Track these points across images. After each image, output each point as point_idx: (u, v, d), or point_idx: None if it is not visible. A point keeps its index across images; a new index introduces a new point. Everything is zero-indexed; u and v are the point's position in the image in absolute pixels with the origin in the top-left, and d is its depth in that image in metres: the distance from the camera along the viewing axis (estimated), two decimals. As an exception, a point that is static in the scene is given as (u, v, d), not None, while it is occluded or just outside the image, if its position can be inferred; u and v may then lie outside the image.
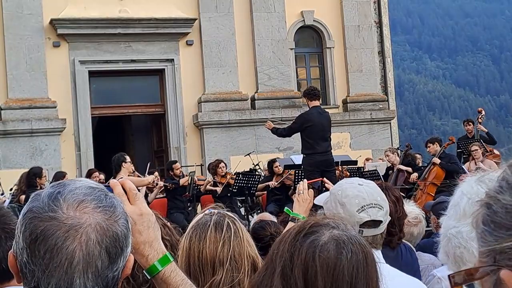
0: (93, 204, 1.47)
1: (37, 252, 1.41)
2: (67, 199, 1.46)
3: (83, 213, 1.45)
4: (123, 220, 1.51)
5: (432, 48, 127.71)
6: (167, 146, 18.07)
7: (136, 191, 1.79)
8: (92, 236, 1.43)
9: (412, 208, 4.78)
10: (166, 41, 17.93)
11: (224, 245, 2.38)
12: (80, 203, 1.46)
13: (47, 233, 1.41)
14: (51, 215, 1.43)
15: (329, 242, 1.62)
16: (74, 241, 1.42)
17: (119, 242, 1.47)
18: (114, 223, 1.48)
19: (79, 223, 1.43)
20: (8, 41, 16.44)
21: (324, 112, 11.47)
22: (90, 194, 1.49)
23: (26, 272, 1.44)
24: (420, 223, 4.77)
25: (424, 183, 12.24)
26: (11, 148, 16.21)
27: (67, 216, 1.43)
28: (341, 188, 2.67)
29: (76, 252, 1.41)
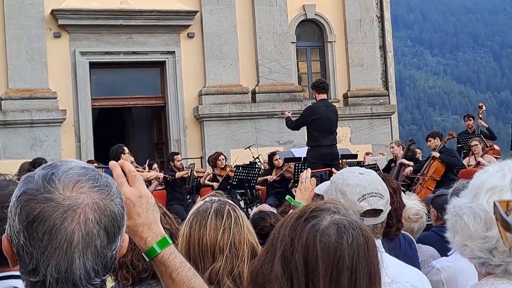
0: (89, 184, 1.46)
1: (35, 234, 1.39)
2: (62, 180, 1.45)
3: (80, 193, 1.44)
4: (119, 199, 1.50)
5: (434, 43, 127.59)
6: (167, 138, 18.07)
7: (136, 173, 1.78)
8: (90, 216, 1.42)
9: (413, 203, 4.77)
10: (167, 33, 17.91)
11: (225, 233, 2.38)
12: (75, 183, 1.45)
13: (44, 215, 1.40)
14: (47, 197, 1.41)
15: (330, 226, 1.62)
16: (73, 221, 1.40)
17: (117, 221, 1.47)
18: (110, 202, 1.47)
19: (76, 203, 1.42)
20: (9, 31, 16.42)
21: (331, 106, 11.48)
22: (85, 174, 1.48)
23: (23, 255, 1.42)
24: (421, 218, 4.76)
25: (424, 178, 12.25)
26: (11, 139, 16.21)
27: (63, 197, 1.42)
28: (342, 177, 2.66)
29: (75, 232, 1.40)
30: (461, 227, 1.75)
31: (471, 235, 1.72)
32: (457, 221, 1.76)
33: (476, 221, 1.71)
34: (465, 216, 1.73)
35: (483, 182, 1.75)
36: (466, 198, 1.78)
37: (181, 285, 1.82)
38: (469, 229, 1.72)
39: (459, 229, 1.76)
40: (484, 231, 1.70)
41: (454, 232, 1.78)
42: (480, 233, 1.70)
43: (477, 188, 1.76)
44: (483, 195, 1.72)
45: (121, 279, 3.03)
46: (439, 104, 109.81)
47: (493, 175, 1.76)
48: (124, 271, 3.01)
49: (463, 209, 1.75)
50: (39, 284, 1.43)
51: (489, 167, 1.82)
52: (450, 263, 3.49)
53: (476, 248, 1.72)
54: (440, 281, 3.46)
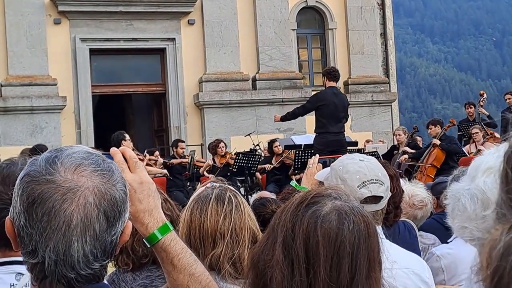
0: (91, 167, 1.46)
1: (35, 215, 1.40)
2: (65, 162, 1.45)
3: (81, 176, 1.44)
4: (121, 184, 1.50)
5: (435, 31, 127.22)
6: (168, 125, 18.06)
7: (137, 159, 1.79)
8: (89, 199, 1.43)
9: (419, 191, 4.75)
10: (168, 20, 17.86)
11: (225, 218, 2.38)
12: (77, 166, 1.45)
13: (44, 196, 1.41)
14: (48, 178, 1.42)
15: (331, 212, 1.62)
16: (72, 203, 1.41)
17: (117, 206, 1.47)
18: (112, 187, 1.47)
19: (77, 185, 1.42)
20: (9, 17, 16.38)
21: (340, 94, 11.49)
22: (88, 158, 1.48)
23: (23, 236, 1.43)
24: (425, 206, 4.74)
25: (424, 165, 12.25)
26: (11, 125, 16.21)
27: (64, 179, 1.42)
28: (342, 163, 2.66)
29: (74, 214, 1.41)
30: (459, 209, 1.76)
31: (469, 216, 1.74)
32: (456, 204, 1.78)
33: (473, 202, 1.73)
34: (463, 198, 1.76)
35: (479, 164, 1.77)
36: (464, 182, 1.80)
37: (182, 271, 1.83)
38: (467, 211, 1.74)
39: (457, 212, 1.77)
40: (481, 211, 1.71)
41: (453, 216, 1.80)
42: (478, 213, 1.72)
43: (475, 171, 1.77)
44: (480, 176, 1.74)
45: (122, 264, 3.04)
46: (439, 92, 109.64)
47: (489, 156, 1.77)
48: (124, 256, 3.02)
49: (461, 192, 1.76)
50: (38, 266, 1.43)
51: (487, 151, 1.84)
52: (450, 250, 3.50)
53: (474, 228, 1.73)
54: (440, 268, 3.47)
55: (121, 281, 3.04)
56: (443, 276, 3.47)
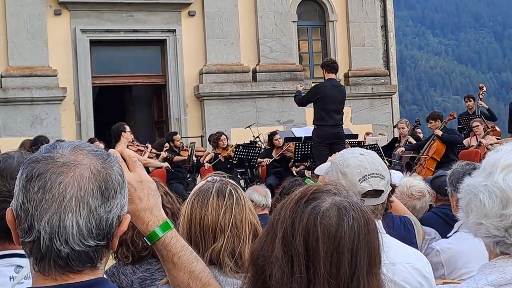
0: (89, 149, 1.51)
1: (31, 189, 1.44)
2: (63, 145, 1.51)
3: (78, 154, 1.49)
4: (118, 168, 1.53)
5: (435, 24, 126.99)
6: (168, 117, 18.05)
7: (136, 158, 1.80)
8: (85, 173, 1.46)
9: (417, 182, 4.77)
10: (168, 11, 17.82)
11: (226, 212, 2.38)
12: (76, 147, 1.51)
13: (41, 171, 1.45)
14: (45, 155, 1.47)
15: (330, 208, 1.62)
16: (67, 176, 1.44)
17: (113, 184, 1.49)
18: (109, 168, 1.50)
19: (74, 160, 1.47)
20: (9, 8, 16.34)
21: (339, 86, 11.49)
22: (87, 145, 1.54)
23: (20, 215, 1.45)
24: (424, 197, 4.76)
25: (424, 158, 12.25)
26: (11, 116, 16.20)
27: (61, 155, 1.47)
28: (343, 157, 2.66)
29: (68, 187, 1.44)
30: (476, 205, 1.73)
31: (486, 213, 1.71)
32: (471, 199, 1.75)
33: (491, 199, 1.70)
34: (481, 194, 1.72)
35: (497, 160, 1.75)
36: (480, 177, 1.77)
37: (182, 269, 1.84)
38: (485, 207, 1.71)
39: (473, 207, 1.74)
40: (500, 209, 1.69)
41: (467, 211, 1.77)
42: (496, 211, 1.69)
43: (491, 166, 1.75)
44: (498, 173, 1.71)
45: (121, 257, 3.05)
46: (440, 85, 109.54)
47: (507, 154, 1.75)
48: (124, 249, 3.02)
49: (478, 187, 1.73)
50: (35, 245, 1.45)
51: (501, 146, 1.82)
52: (450, 244, 3.50)
53: (491, 226, 1.70)
54: (440, 262, 3.48)
55: (121, 274, 3.05)
56: (443, 271, 3.47)
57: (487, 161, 1.79)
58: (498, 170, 1.72)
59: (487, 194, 1.70)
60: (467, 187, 1.78)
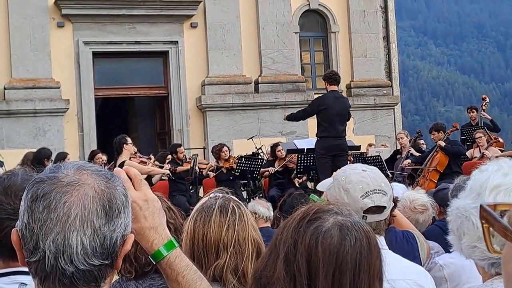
0: (93, 169, 1.54)
1: (36, 209, 1.46)
2: (67, 165, 1.54)
3: (82, 174, 1.51)
4: (121, 188, 1.55)
5: (437, 34, 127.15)
6: (170, 128, 18.06)
7: (141, 177, 1.81)
8: (89, 192, 1.48)
9: (420, 196, 4.76)
10: (171, 23, 17.87)
11: (229, 229, 2.38)
12: (80, 167, 1.53)
13: (46, 191, 1.47)
14: (50, 176, 1.49)
15: (332, 228, 1.62)
16: (72, 196, 1.46)
17: (117, 204, 1.51)
18: (112, 187, 1.52)
19: (78, 179, 1.49)
20: (12, 20, 16.40)
21: (341, 97, 11.51)
22: (91, 165, 1.56)
23: (26, 235, 1.47)
24: (427, 210, 4.75)
25: (427, 170, 12.24)
26: (14, 128, 16.23)
27: (66, 175, 1.49)
28: (345, 174, 2.67)
29: (73, 206, 1.45)
30: (469, 228, 1.71)
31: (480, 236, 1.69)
32: (463, 222, 1.73)
33: None
34: (472, 217, 1.70)
35: (484, 181, 1.73)
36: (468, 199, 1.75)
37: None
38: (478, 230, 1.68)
39: (466, 231, 1.72)
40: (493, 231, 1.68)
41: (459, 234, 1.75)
42: None
43: (479, 187, 1.73)
44: (488, 194, 1.70)
45: (124, 272, 3.04)
46: (442, 95, 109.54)
47: (494, 174, 1.74)
48: (127, 264, 3.02)
49: (469, 210, 1.72)
50: (40, 264, 1.46)
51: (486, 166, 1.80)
52: (453, 259, 3.49)
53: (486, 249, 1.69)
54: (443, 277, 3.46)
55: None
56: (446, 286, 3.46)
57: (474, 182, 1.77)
58: (487, 191, 1.70)
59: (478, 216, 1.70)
60: (456, 210, 1.76)
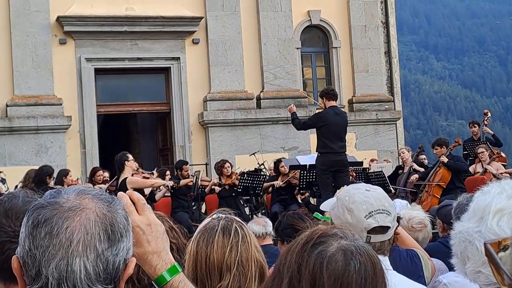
0: (93, 193, 1.53)
1: (38, 235, 1.45)
2: (68, 190, 1.53)
3: (83, 199, 1.50)
4: (122, 212, 1.55)
5: (439, 48, 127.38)
6: (172, 144, 18.06)
7: (144, 201, 1.80)
8: (91, 217, 1.47)
9: (416, 213, 4.74)
10: (172, 40, 17.93)
11: (232, 250, 2.37)
12: (80, 192, 1.52)
13: (47, 216, 1.46)
14: (51, 201, 1.49)
15: (337, 253, 1.61)
16: (74, 221, 1.46)
17: (118, 228, 1.50)
18: (114, 211, 1.52)
19: (80, 204, 1.48)
20: (14, 38, 16.47)
21: (341, 113, 11.51)
22: (91, 189, 1.56)
23: (27, 262, 1.46)
24: (425, 227, 4.73)
25: (430, 185, 12.21)
26: (17, 145, 16.24)
27: (66, 200, 1.49)
28: (348, 194, 2.65)
29: (75, 231, 1.45)
30: (473, 253, 1.69)
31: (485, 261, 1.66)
32: (467, 247, 1.71)
33: None
34: (476, 242, 1.68)
35: (487, 204, 1.71)
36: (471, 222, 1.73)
37: None
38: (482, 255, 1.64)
39: (470, 255, 1.70)
40: None
41: (463, 258, 1.73)
42: None
43: (482, 211, 1.71)
44: (491, 218, 1.67)
45: (127, 293, 3.02)
46: (444, 109, 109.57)
47: (497, 197, 1.71)
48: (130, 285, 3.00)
49: (472, 234, 1.69)
50: None
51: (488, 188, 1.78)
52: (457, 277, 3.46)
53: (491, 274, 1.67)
54: (448, 296, 3.43)
55: (126, 311, 3.02)
56: (450, 305, 3.43)
57: (476, 205, 1.75)
58: (491, 215, 1.68)
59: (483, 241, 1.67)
60: (460, 234, 1.74)
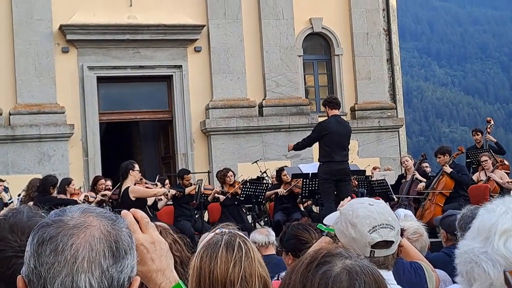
0: (97, 212, 1.55)
1: (43, 253, 1.46)
2: (72, 209, 1.54)
3: (88, 216, 1.52)
4: (126, 229, 1.56)
5: (441, 55, 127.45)
6: (175, 152, 18.06)
7: (148, 219, 1.80)
8: (96, 234, 1.48)
9: (410, 223, 4.73)
10: (175, 48, 17.94)
11: (235, 266, 2.36)
12: (85, 210, 1.54)
13: (52, 234, 1.47)
14: (55, 219, 1.50)
15: (341, 273, 1.60)
16: (78, 238, 1.47)
17: (123, 245, 1.51)
18: (118, 229, 1.53)
19: (84, 221, 1.49)
20: (17, 46, 16.50)
21: (343, 122, 11.51)
22: (94, 208, 1.57)
23: (33, 280, 1.46)
24: (421, 237, 4.71)
25: (433, 193, 12.18)
26: (20, 153, 16.25)
27: (71, 217, 1.50)
28: (352, 208, 2.64)
29: (80, 248, 1.46)
30: (480, 274, 1.66)
31: (492, 283, 1.64)
32: (473, 268, 1.68)
33: (496, 268, 1.63)
34: (483, 264, 1.65)
35: (493, 224, 1.68)
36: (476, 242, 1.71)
37: None
38: (490, 277, 1.64)
39: (477, 277, 1.67)
40: None
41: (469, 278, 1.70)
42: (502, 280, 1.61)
43: (487, 231, 1.68)
44: (498, 239, 1.65)
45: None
46: (447, 116, 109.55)
47: (503, 217, 1.68)
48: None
49: (479, 256, 1.67)
50: None
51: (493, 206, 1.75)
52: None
53: None
54: (451, 309, 3.42)
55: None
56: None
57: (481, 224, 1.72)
58: (497, 236, 1.65)
59: (490, 263, 1.64)
60: (465, 254, 1.71)
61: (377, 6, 19.94)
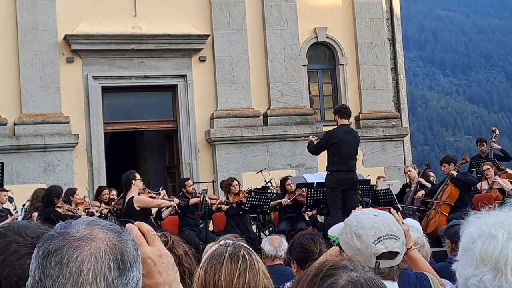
0: (103, 223, 1.55)
1: (49, 265, 1.46)
2: (78, 221, 1.55)
3: (93, 229, 1.52)
4: (132, 242, 1.56)
5: (445, 64, 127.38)
6: (179, 162, 18.07)
7: (154, 232, 1.80)
8: (101, 246, 1.48)
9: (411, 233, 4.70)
10: (179, 57, 17.98)
11: (240, 277, 2.36)
12: (90, 222, 1.54)
13: (57, 246, 1.47)
14: (61, 232, 1.50)
15: (347, 285, 1.60)
16: (84, 250, 1.47)
17: (128, 258, 1.51)
18: (124, 241, 1.53)
19: (90, 234, 1.49)
20: (22, 56, 16.55)
21: (352, 131, 11.48)
22: (101, 220, 1.57)
23: None
24: (423, 247, 4.69)
25: (438, 202, 12.16)
26: (24, 163, 16.27)
27: (77, 230, 1.50)
28: (357, 219, 2.64)
29: (85, 260, 1.46)
30: None
31: None
32: None
33: None
34: None
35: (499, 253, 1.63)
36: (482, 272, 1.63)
37: None
38: None
39: None
40: None
41: None
42: None
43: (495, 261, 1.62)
44: (510, 272, 1.59)
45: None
46: (451, 124, 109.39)
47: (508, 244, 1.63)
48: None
49: None
50: None
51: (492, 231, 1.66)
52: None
53: None
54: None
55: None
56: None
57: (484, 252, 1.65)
58: (509, 268, 1.60)
59: None
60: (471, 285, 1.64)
61: (382, 15, 19.96)
